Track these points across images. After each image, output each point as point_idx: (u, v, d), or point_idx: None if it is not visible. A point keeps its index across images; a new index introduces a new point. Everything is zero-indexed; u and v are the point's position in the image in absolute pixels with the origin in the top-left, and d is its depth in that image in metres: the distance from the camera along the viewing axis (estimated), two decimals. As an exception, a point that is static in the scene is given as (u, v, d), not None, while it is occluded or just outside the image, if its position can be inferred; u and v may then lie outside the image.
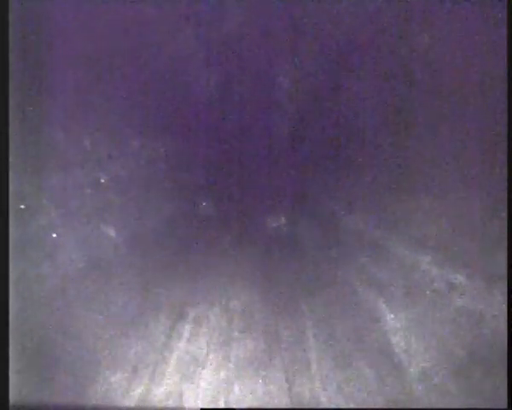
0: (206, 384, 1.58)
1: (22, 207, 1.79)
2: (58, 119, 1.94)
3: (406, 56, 2.03)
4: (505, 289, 1.46)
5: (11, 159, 1.66)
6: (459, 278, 1.66)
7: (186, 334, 1.87)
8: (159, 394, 1.53)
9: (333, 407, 1.50)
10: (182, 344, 1.80)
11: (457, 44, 1.84)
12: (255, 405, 1.53)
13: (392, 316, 1.87)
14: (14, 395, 1.52)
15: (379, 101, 2.18)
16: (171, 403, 1.50)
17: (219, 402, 1.51)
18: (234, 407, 1.52)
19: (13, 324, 1.63)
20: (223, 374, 1.63)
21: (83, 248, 2.02)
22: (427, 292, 1.78)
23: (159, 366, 1.66)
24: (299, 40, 2.19)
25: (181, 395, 1.53)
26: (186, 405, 1.49)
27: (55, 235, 1.90)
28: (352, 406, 1.48)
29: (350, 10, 2.08)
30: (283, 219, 2.44)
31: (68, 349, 1.71)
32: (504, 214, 1.58)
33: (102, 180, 2.00)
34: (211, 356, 1.73)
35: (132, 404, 1.51)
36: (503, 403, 1.38)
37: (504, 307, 1.44)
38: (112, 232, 2.08)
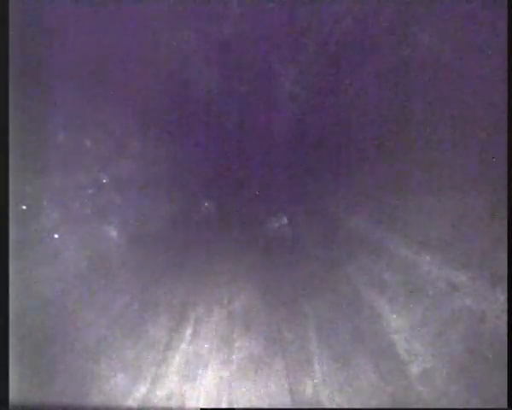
0: (207, 385, 1.58)
1: (24, 207, 1.79)
2: (58, 119, 1.93)
3: (406, 56, 2.03)
4: (506, 289, 1.47)
5: (11, 159, 1.66)
6: (461, 278, 1.66)
7: (187, 335, 1.87)
8: (160, 395, 1.53)
9: (334, 406, 1.50)
10: (183, 345, 1.80)
11: (457, 44, 1.85)
12: (256, 405, 1.53)
13: (394, 316, 1.87)
14: (14, 395, 1.51)
15: (379, 100, 2.18)
16: (172, 404, 1.50)
17: (221, 402, 1.51)
18: (235, 406, 1.52)
19: (13, 324, 1.63)
20: (224, 375, 1.63)
21: (84, 248, 2.02)
22: (429, 292, 1.78)
23: (160, 367, 1.66)
24: (300, 40, 2.19)
25: (183, 395, 1.53)
26: (187, 405, 1.49)
27: (56, 236, 1.90)
28: (353, 406, 1.49)
29: (350, 10, 2.08)
30: (285, 220, 2.44)
31: (69, 350, 1.71)
32: (504, 214, 1.58)
33: (104, 181, 1.99)
34: (212, 357, 1.73)
35: (133, 405, 1.51)
36: (503, 403, 1.38)
37: (506, 306, 1.44)
38: (113, 233, 2.07)
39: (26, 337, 1.67)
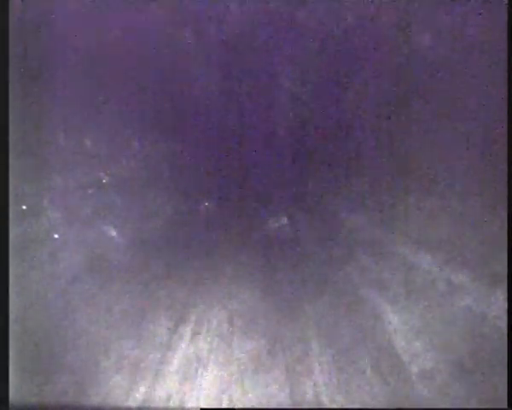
0: (207, 385, 1.58)
1: (24, 207, 1.78)
2: (58, 119, 1.93)
3: (407, 56, 2.03)
4: (506, 289, 1.46)
5: (11, 159, 1.66)
6: (461, 278, 1.66)
7: (187, 335, 1.87)
8: (160, 395, 1.53)
9: (334, 406, 1.50)
10: (183, 345, 1.80)
11: (457, 44, 1.85)
12: (256, 405, 1.53)
13: (394, 316, 1.87)
14: (14, 395, 1.51)
15: (379, 100, 2.18)
16: (172, 404, 1.50)
17: (221, 402, 1.51)
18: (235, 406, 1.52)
19: (13, 324, 1.62)
20: (224, 375, 1.63)
21: (84, 248, 2.02)
22: (429, 292, 1.78)
23: (160, 367, 1.66)
24: (300, 40, 2.19)
25: (183, 395, 1.53)
26: (187, 405, 1.49)
27: (56, 236, 1.90)
28: (353, 406, 1.49)
29: (350, 10, 2.08)
30: (285, 220, 2.44)
31: (69, 350, 1.71)
32: (504, 214, 1.58)
33: (104, 181, 1.99)
34: (212, 357, 1.73)
35: (133, 405, 1.51)
36: (503, 403, 1.38)
37: (506, 306, 1.44)
38: (113, 233, 2.07)
39: (26, 337, 1.67)
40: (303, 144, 2.27)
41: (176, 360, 1.70)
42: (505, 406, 1.37)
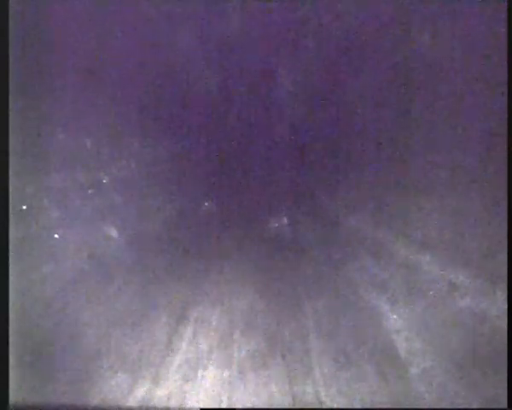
0: (207, 385, 1.58)
1: (24, 207, 1.78)
2: (58, 119, 1.93)
3: (407, 56, 2.03)
4: (506, 289, 1.46)
5: (11, 159, 1.65)
6: (461, 278, 1.66)
7: (187, 335, 1.87)
8: (160, 395, 1.53)
9: (334, 406, 1.50)
10: (183, 345, 1.80)
11: (458, 44, 1.85)
12: (256, 405, 1.53)
13: (394, 316, 1.87)
14: (14, 395, 1.51)
15: (379, 100, 2.18)
16: (172, 404, 1.50)
17: (221, 402, 1.51)
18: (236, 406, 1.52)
19: (13, 324, 1.62)
20: (224, 375, 1.62)
21: (84, 248, 2.02)
22: (430, 292, 1.78)
23: (160, 367, 1.66)
24: (300, 40, 2.18)
25: (183, 395, 1.53)
26: (187, 405, 1.49)
27: (56, 236, 1.90)
28: (353, 406, 1.49)
29: (351, 10, 2.08)
30: (285, 220, 2.44)
31: (69, 350, 1.71)
32: (504, 214, 1.57)
33: (104, 181, 1.99)
34: (212, 357, 1.73)
35: (133, 405, 1.51)
36: (503, 403, 1.38)
37: (506, 306, 1.44)
38: (113, 233, 2.07)
39: (26, 337, 1.67)
40: (303, 144, 2.27)
41: (176, 360, 1.70)
42: (505, 406, 1.37)
